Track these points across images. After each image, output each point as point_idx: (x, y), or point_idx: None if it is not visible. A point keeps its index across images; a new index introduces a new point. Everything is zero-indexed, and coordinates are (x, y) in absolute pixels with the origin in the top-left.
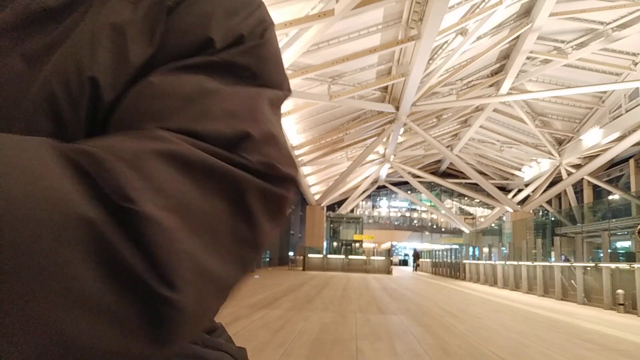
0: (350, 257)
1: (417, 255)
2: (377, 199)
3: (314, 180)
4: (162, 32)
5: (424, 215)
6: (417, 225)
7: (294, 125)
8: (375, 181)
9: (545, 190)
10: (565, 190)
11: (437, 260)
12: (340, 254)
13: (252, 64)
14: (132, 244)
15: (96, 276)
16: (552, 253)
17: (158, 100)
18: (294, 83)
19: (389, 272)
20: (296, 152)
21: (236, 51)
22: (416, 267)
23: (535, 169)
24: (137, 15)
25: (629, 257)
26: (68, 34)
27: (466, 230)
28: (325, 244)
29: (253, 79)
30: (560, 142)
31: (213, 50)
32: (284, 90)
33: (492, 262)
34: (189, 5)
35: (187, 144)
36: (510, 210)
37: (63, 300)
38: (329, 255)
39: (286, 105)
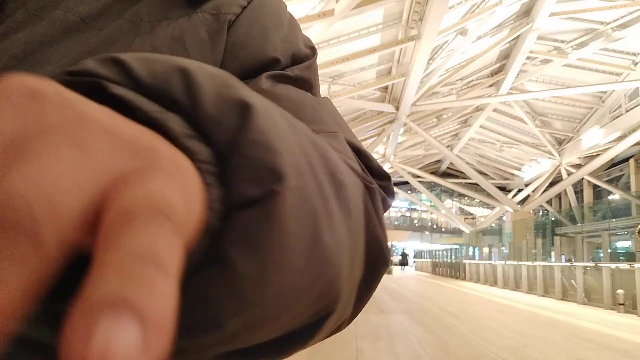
0: None
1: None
2: None
3: None
4: (225, 44)
5: (424, 215)
6: (417, 225)
7: None
8: None
9: (545, 190)
10: (565, 190)
11: (437, 260)
12: None
13: (312, 77)
14: (375, 211)
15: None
16: (552, 253)
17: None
18: None
19: (389, 272)
20: None
21: (303, 66)
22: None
23: (535, 169)
24: (192, 24)
25: (629, 257)
26: (114, 41)
27: (466, 230)
28: None
29: (311, 89)
30: (560, 142)
31: (279, 63)
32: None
33: (492, 262)
34: (246, 17)
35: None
36: (510, 210)
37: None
38: None
39: None
